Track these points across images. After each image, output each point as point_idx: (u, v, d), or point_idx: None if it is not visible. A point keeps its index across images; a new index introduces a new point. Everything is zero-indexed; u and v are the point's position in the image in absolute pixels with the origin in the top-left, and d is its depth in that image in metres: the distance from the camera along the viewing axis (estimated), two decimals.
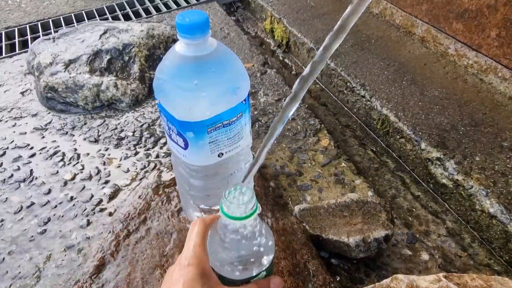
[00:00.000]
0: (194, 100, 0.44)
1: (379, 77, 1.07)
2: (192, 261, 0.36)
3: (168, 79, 0.44)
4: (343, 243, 0.64)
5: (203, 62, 0.43)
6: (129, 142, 0.98)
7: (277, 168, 0.87)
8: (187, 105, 0.44)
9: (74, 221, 0.81)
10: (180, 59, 0.44)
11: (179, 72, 0.44)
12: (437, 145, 0.86)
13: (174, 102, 0.44)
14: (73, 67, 1.11)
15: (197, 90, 0.43)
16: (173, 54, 0.44)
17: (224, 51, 0.46)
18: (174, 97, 0.44)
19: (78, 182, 0.89)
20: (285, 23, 1.36)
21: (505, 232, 0.72)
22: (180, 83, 0.43)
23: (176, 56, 0.44)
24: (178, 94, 0.44)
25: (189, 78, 0.43)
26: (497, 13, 0.95)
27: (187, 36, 0.42)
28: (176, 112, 0.45)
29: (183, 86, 0.43)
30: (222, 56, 0.45)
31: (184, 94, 0.43)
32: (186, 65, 0.43)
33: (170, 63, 0.45)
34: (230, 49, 0.47)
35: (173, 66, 0.44)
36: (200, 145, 0.47)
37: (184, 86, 0.43)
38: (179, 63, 0.44)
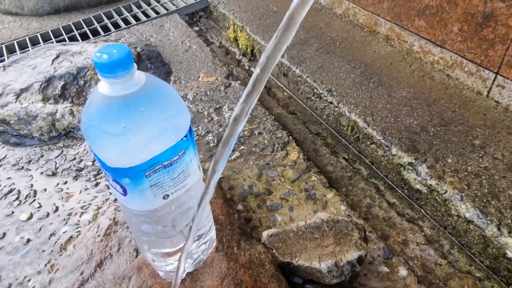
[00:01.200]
0: (124, 144, 0.39)
1: (345, 81, 1.04)
2: None
3: (94, 124, 0.39)
4: (315, 269, 0.60)
5: (129, 101, 0.39)
6: (89, 173, 0.93)
7: (245, 188, 0.82)
8: (117, 150, 0.39)
9: (31, 266, 0.75)
10: (104, 100, 0.39)
11: (104, 115, 0.39)
12: (408, 149, 0.83)
13: (103, 148, 0.40)
14: (25, 96, 1.05)
15: (126, 134, 0.38)
16: (96, 95, 0.40)
17: (156, 86, 0.41)
18: (102, 143, 0.39)
19: (35, 222, 0.83)
20: (248, 31, 1.32)
21: (483, 236, 0.70)
22: (106, 128, 0.39)
23: (100, 97, 0.39)
24: (106, 139, 0.39)
25: (115, 121, 0.38)
26: (457, 8, 0.93)
27: (108, 75, 0.37)
28: (107, 159, 0.40)
29: (110, 130, 0.38)
30: (153, 91, 0.41)
31: (112, 139, 0.39)
32: (111, 106, 0.39)
33: (94, 106, 0.40)
34: (163, 82, 0.43)
35: (97, 109, 0.39)
36: (140, 190, 0.43)
37: (111, 130, 0.38)
38: (103, 105, 0.39)
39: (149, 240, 0.50)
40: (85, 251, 0.66)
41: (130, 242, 0.65)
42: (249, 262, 0.60)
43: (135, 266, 0.60)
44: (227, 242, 0.62)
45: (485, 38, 0.90)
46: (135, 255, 0.62)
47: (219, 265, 0.58)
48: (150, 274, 0.59)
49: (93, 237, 0.69)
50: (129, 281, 0.58)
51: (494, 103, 0.92)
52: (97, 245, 0.66)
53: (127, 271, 0.60)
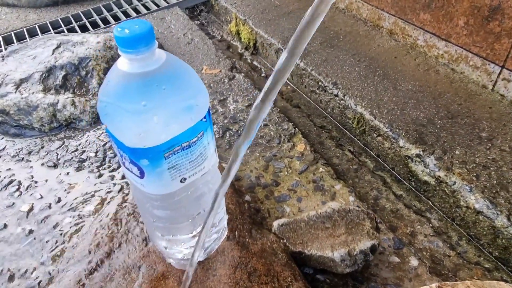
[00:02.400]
0: (145, 123, 0.38)
1: (350, 74, 1.04)
2: None
3: (113, 101, 0.38)
4: (327, 259, 0.59)
5: (151, 79, 0.37)
6: (92, 164, 0.91)
7: (252, 179, 0.81)
8: (137, 130, 0.38)
9: (34, 257, 0.73)
10: (124, 77, 0.38)
11: (124, 93, 0.38)
12: (415, 141, 0.83)
13: (122, 127, 0.39)
14: (25, 86, 1.03)
15: (146, 112, 0.37)
16: (115, 72, 0.38)
17: (176, 64, 0.40)
18: (121, 122, 0.38)
19: (37, 213, 0.81)
20: (250, 24, 1.31)
21: (493, 227, 0.70)
22: (126, 106, 0.37)
23: (119, 74, 0.38)
24: (126, 118, 0.38)
25: (136, 99, 0.37)
26: (464, 1, 0.93)
27: (129, 51, 0.36)
28: (126, 138, 0.39)
29: (129, 108, 0.37)
30: (173, 70, 0.39)
31: (132, 117, 0.38)
32: (131, 84, 0.37)
33: (113, 83, 0.39)
34: (182, 61, 0.41)
35: (117, 86, 0.38)
36: (158, 172, 0.41)
37: (131, 108, 0.37)
38: (123, 82, 0.38)
39: (163, 226, 0.49)
40: (92, 240, 0.64)
41: (138, 231, 0.64)
42: (261, 251, 0.59)
43: (144, 255, 0.59)
44: (238, 231, 0.61)
45: (491, 31, 0.90)
46: (144, 244, 0.61)
47: (231, 253, 0.57)
48: (160, 263, 0.58)
49: (99, 227, 0.67)
50: (139, 270, 0.57)
51: (500, 97, 0.92)
52: (104, 235, 0.65)
53: (137, 260, 0.59)
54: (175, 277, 0.56)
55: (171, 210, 0.47)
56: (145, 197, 0.46)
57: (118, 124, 0.39)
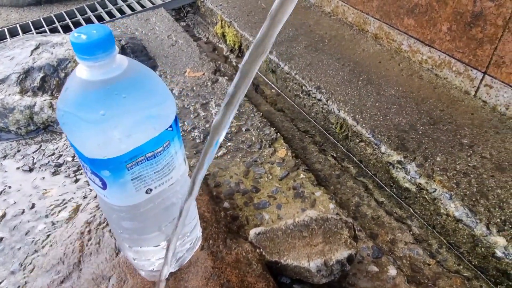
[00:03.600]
0: (103, 134, 0.36)
1: (334, 78, 1.03)
2: None
3: (70, 110, 0.36)
4: (303, 269, 0.58)
5: (110, 87, 0.36)
6: (69, 169, 0.89)
7: (231, 185, 0.80)
8: (96, 140, 0.36)
9: (5, 266, 0.71)
10: (82, 85, 0.36)
11: (82, 102, 0.36)
12: (397, 148, 0.82)
13: (81, 137, 0.37)
14: (1, 88, 1.00)
15: (105, 122, 0.36)
16: (74, 80, 0.37)
17: (139, 71, 0.39)
18: (80, 132, 0.36)
19: (9, 219, 0.79)
20: (236, 26, 1.30)
21: (472, 236, 0.69)
22: (84, 115, 0.36)
23: (78, 81, 0.36)
24: (84, 128, 0.36)
25: (94, 108, 0.35)
26: (447, 7, 0.93)
27: (87, 57, 0.34)
28: (85, 149, 0.37)
29: (87, 118, 0.36)
30: (135, 77, 0.38)
31: (91, 127, 0.36)
32: (89, 92, 0.36)
33: (71, 91, 0.37)
34: (146, 68, 0.40)
35: (75, 94, 0.36)
36: (120, 183, 0.40)
37: (89, 118, 0.36)
38: (81, 90, 0.36)
39: (130, 237, 0.47)
40: (63, 249, 0.62)
41: (110, 241, 0.62)
42: (235, 261, 0.57)
43: (115, 265, 0.57)
44: (213, 241, 0.60)
45: (473, 37, 0.90)
46: (115, 255, 0.59)
47: (204, 264, 0.56)
48: (131, 274, 0.56)
49: (70, 235, 0.65)
50: (109, 281, 0.55)
51: (482, 103, 0.92)
52: (75, 244, 0.63)
53: (107, 270, 0.57)
54: None
55: (138, 221, 0.45)
56: (110, 208, 0.44)
57: (76, 134, 0.37)
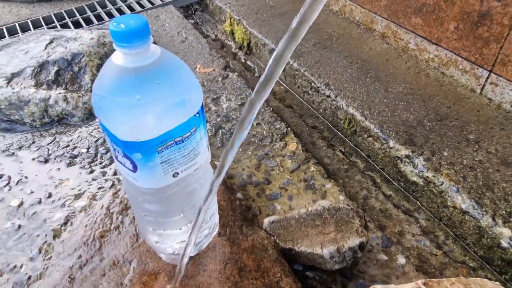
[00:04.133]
0: (138, 117, 0.38)
1: (343, 75, 1.05)
2: None
3: (107, 95, 0.38)
4: (317, 255, 0.60)
5: (145, 73, 0.38)
6: (83, 160, 0.91)
7: (244, 177, 0.82)
8: (131, 123, 0.38)
9: (24, 252, 0.73)
10: (118, 71, 0.38)
11: (119, 87, 0.38)
12: (405, 142, 0.85)
13: (116, 121, 0.39)
14: (17, 81, 1.02)
15: (140, 107, 0.38)
16: (110, 66, 0.39)
17: (170, 60, 0.41)
18: (115, 116, 0.39)
19: (27, 208, 0.81)
20: (245, 24, 1.32)
21: (478, 227, 0.71)
22: (120, 100, 0.38)
23: (114, 68, 0.38)
24: (119, 111, 0.38)
25: (130, 93, 0.38)
26: (454, 6, 0.95)
27: (124, 45, 0.37)
28: (119, 132, 0.39)
29: (124, 102, 0.38)
30: (167, 65, 0.40)
31: (126, 111, 0.38)
32: (126, 78, 0.38)
33: (107, 77, 0.39)
34: (176, 57, 0.42)
35: (111, 80, 0.39)
36: (150, 166, 0.42)
37: (125, 102, 0.38)
38: (117, 76, 0.38)
39: (155, 220, 0.49)
40: (83, 235, 0.65)
41: (130, 227, 0.64)
42: (252, 247, 0.59)
43: (135, 250, 0.59)
44: (229, 228, 0.62)
45: (480, 36, 0.92)
46: (135, 239, 0.61)
47: (222, 249, 0.58)
48: (151, 258, 0.58)
49: (90, 222, 0.67)
50: (130, 265, 0.57)
51: (487, 100, 0.94)
52: (95, 230, 0.65)
53: (128, 255, 0.59)
54: (165, 272, 0.56)
55: (163, 204, 0.47)
56: (137, 191, 0.47)
57: (112, 117, 0.39)
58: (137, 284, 0.55)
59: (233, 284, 0.54)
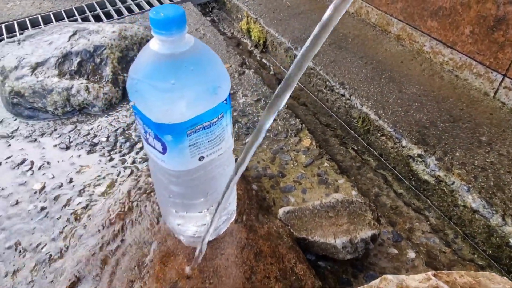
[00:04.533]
0: (172, 101, 0.41)
1: (357, 75, 1.07)
2: None
3: (143, 79, 0.41)
4: (330, 245, 0.62)
5: (180, 60, 0.40)
6: (103, 148, 0.94)
7: (259, 170, 0.84)
8: (165, 106, 0.41)
9: (46, 233, 0.76)
10: (155, 57, 0.41)
11: (155, 71, 0.41)
12: (417, 142, 0.86)
13: (150, 103, 0.41)
14: (41, 70, 1.05)
15: (175, 91, 0.40)
16: (147, 52, 0.41)
17: (203, 49, 0.43)
18: (150, 98, 0.41)
19: (49, 192, 0.84)
20: (261, 23, 1.34)
21: (488, 226, 0.73)
22: (156, 83, 0.40)
23: (151, 54, 0.41)
24: (154, 95, 0.41)
25: (165, 77, 0.40)
26: (471, 10, 0.96)
27: (162, 32, 0.39)
28: (153, 115, 0.42)
29: (159, 86, 0.40)
30: (200, 53, 0.43)
31: (161, 95, 0.40)
32: (162, 63, 0.40)
33: (144, 62, 0.41)
34: (208, 47, 0.44)
35: (148, 64, 0.41)
36: (179, 148, 0.44)
37: (161, 86, 0.40)
38: (154, 61, 0.41)
39: (179, 202, 0.52)
40: (105, 217, 0.67)
41: (151, 211, 0.67)
42: (267, 234, 0.62)
43: (156, 232, 0.62)
44: (246, 215, 0.64)
45: (495, 41, 0.93)
46: (156, 222, 0.64)
47: (239, 235, 0.60)
48: (171, 241, 0.60)
49: (112, 205, 0.70)
50: (151, 246, 0.60)
51: (500, 104, 0.95)
52: (117, 213, 0.68)
53: (148, 236, 0.62)
54: (184, 254, 0.58)
55: (188, 187, 0.50)
56: (164, 174, 0.49)
57: (146, 100, 0.42)
58: (157, 264, 0.58)
59: (249, 268, 0.56)
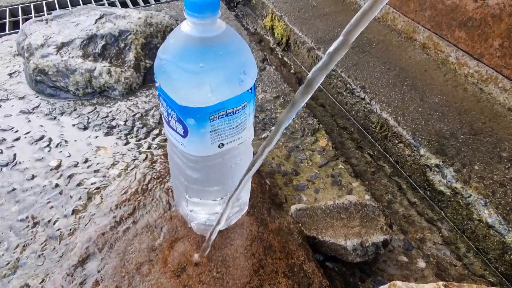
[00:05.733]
0: (199, 84, 0.41)
1: (379, 80, 1.06)
2: None
3: (172, 60, 0.41)
4: (339, 246, 0.62)
5: (210, 44, 0.40)
6: (120, 132, 0.95)
7: (273, 166, 0.84)
8: (191, 89, 0.41)
9: (58, 209, 0.77)
10: (186, 39, 0.41)
11: (185, 53, 0.41)
12: (436, 152, 0.85)
13: (177, 85, 0.42)
14: (66, 50, 1.07)
15: (202, 74, 0.40)
16: (178, 34, 0.41)
17: (233, 35, 0.43)
18: (177, 80, 0.41)
19: (64, 169, 0.85)
20: (286, 21, 1.34)
21: (502, 243, 0.71)
22: (184, 65, 0.40)
23: (182, 35, 0.41)
24: (182, 76, 0.41)
25: (195, 60, 0.40)
26: (502, 23, 0.94)
27: (196, 15, 0.39)
28: (178, 96, 0.42)
29: (188, 68, 0.40)
30: (230, 39, 0.42)
31: (188, 76, 0.40)
32: (192, 46, 0.40)
33: (174, 43, 0.42)
34: (238, 34, 0.44)
35: (178, 46, 0.41)
36: (200, 133, 0.44)
37: (189, 68, 0.40)
38: (184, 43, 0.41)
39: (194, 188, 0.52)
40: (118, 199, 0.68)
41: (163, 195, 0.67)
42: (278, 229, 0.61)
43: (167, 218, 0.62)
44: (258, 209, 0.64)
45: None
46: (168, 207, 0.64)
47: (249, 228, 0.60)
48: (181, 227, 0.61)
49: (126, 187, 0.70)
50: (161, 230, 0.60)
51: None
52: (130, 195, 0.68)
53: (159, 221, 0.62)
54: (194, 241, 0.58)
55: (205, 173, 0.50)
56: (182, 158, 0.49)
57: (173, 81, 0.42)
58: (166, 248, 0.58)
59: (257, 260, 0.56)
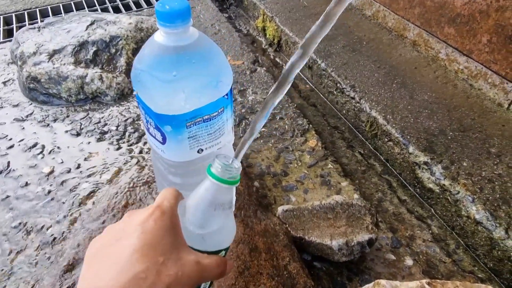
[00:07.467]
0: (173, 92, 0.41)
1: (369, 79, 1.06)
2: (167, 209, 0.31)
3: (146, 69, 0.42)
4: (325, 246, 0.62)
5: (183, 52, 0.41)
6: (112, 137, 0.96)
7: (262, 167, 0.85)
8: (165, 97, 0.42)
9: (51, 216, 0.78)
10: (159, 48, 0.41)
11: (158, 63, 0.41)
12: (425, 149, 0.85)
13: (152, 94, 0.42)
14: (58, 57, 1.08)
15: (175, 82, 0.41)
16: (152, 43, 0.42)
17: (206, 43, 0.44)
18: (152, 89, 0.42)
19: (57, 176, 0.86)
20: (277, 21, 1.34)
21: (490, 239, 0.71)
22: (158, 74, 0.41)
23: (155, 45, 0.42)
24: (156, 85, 0.42)
25: (167, 69, 0.41)
26: (489, 19, 0.94)
27: (167, 25, 0.40)
28: (154, 105, 0.43)
29: (161, 77, 0.41)
30: (203, 47, 0.43)
31: (162, 85, 0.41)
32: (165, 55, 0.41)
33: (148, 53, 0.42)
34: (212, 41, 0.45)
35: (152, 56, 0.42)
36: (178, 140, 0.45)
37: (162, 77, 0.41)
38: (158, 53, 0.42)
39: None
40: (107, 205, 0.69)
41: (151, 199, 0.68)
42: (264, 231, 0.62)
43: None
44: (244, 210, 0.65)
45: None
46: None
47: None
48: None
49: (115, 193, 0.71)
50: None
51: None
52: (120, 200, 0.69)
53: None
54: None
55: (186, 178, 0.50)
56: (163, 164, 0.50)
57: (149, 90, 0.42)
58: None
59: (243, 262, 0.57)
